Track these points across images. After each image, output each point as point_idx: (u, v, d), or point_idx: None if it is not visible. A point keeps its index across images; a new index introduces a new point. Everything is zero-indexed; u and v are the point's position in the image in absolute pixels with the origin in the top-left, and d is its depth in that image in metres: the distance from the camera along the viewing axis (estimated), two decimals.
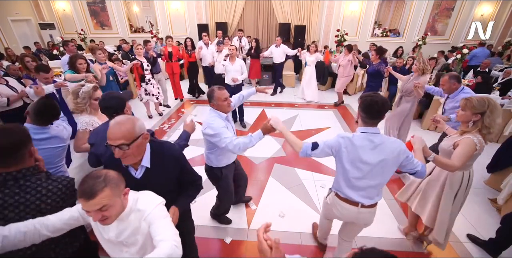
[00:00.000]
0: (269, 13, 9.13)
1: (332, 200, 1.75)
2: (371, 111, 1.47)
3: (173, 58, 5.53)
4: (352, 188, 1.60)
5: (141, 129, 1.23)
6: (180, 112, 5.57)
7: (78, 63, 3.30)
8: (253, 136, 1.82)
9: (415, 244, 2.39)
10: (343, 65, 5.49)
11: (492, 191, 3.09)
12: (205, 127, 1.92)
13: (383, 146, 1.49)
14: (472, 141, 1.68)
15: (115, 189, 1.03)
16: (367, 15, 8.43)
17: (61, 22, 9.65)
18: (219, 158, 2.13)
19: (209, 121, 1.92)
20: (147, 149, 1.31)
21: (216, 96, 1.92)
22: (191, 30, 8.92)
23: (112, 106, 1.70)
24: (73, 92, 2.07)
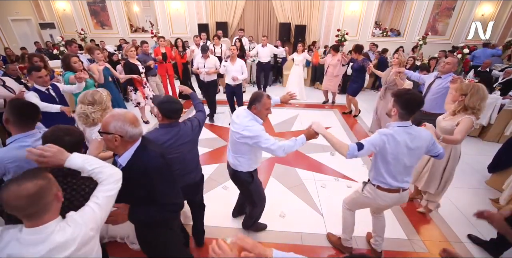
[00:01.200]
0: (269, 13, 9.11)
1: (374, 193, 1.88)
2: (411, 107, 1.64)
3: (167, 59, 5.40)
4: (394, 178, 1.78)
5: (115, 129, 1.24)
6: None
7: (72, 62, 3.18)
8: (297, 140, 1.82)
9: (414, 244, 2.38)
10: (333, 65, 5.54)
11: (493, 191, 3.09)
12: (242, 129, 1.85)
13: (419, 135, 1.69)
14: (471, 119, 2.12)
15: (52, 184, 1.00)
16: (367, 15, 8.41)
17: (61, 22, 9.64)
18: (250, 162, 2.04)
19: (246, 124, 1.85)
20: (131, 148, 1.32)
21: (263, 103, 1.85)
22: (192, 30, 8.91)
23: (180, 108, 1.77)
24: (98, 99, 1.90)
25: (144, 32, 9.84)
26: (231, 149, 2.07)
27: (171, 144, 1.73)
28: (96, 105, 1.88)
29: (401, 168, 1.74)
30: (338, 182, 3.26)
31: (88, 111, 1.85)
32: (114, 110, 1.33)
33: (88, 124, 1.91)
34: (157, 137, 1.69)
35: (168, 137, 1.72)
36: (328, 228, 2.55)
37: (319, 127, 1.80)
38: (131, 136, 1.28)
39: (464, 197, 3.00)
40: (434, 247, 2.35)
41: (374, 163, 1.82)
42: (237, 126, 1.89)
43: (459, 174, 3.41)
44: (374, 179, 1.86)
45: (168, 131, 1.73)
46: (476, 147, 4.14)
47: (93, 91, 1.93)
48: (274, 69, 7.56)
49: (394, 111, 1.69)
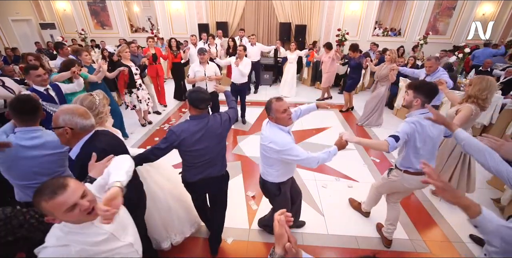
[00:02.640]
0: (269, 12, 9.10)
1: (401, 177, 2.06)
2: (433, 95, 1.84)
3: (158, 60, 5.27)
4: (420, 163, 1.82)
5: (64, 121, 1.31)
6: (181, 112, 5.55)
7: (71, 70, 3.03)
8: (331, 152, 1.80)
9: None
10: (325, 62, 5.77)
11: (495, 191, 3.08)
12: (269, 142, 1.79)
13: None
14: (470, 107, 2.27)
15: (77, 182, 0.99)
16: (368, 15, 8.40)
17: (62, 22, 9.65)
18: (278, 173, 1.97)
19: (271, 137, 1.79)
20: (80, 141, 1.38)
21: (275, 109, 1.77)
22: (192, 30, 8.91)
23: (208, 98, 1.80)
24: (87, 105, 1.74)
25: (144, 32, 9.85)
26: (261, 159, 2.02)
27: (202, 134, 1.80)
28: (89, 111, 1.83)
29: (428, 152, 1.92)
30: (339, 182, 3.25)
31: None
32: (65, 105, 1.39)
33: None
34: (188, 128, 1.77)
35: (198, 128, 1.79)
36: (329, 228, 2.54)
37: (351, 138, 1.84)
38: (81, 127, 1.35)
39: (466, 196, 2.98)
40: (436, 247, 2.34)
41: (403, 150, 1.99)
42: (264, 139, 1.85)
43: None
44: (402, 165, 2.03)
45: (198, 122, 1.80)
46: None
47: (84, 95, 1.78)
48: (275, 69, 7.55)
49: (417, 101, 1.86)
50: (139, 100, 4.48)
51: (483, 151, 1.31)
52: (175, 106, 5.84)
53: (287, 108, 1.80)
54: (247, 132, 4.60)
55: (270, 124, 1.86)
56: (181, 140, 1.76)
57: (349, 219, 2.68)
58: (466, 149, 1.40)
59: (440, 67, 3.50)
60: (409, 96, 1.91)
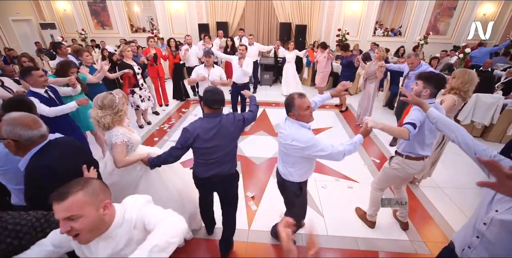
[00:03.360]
0: (270, 12, 9.09)
1: (402, 163, 2.15)
2: (442, 85, 1.99)
3: (158, 60, 5.22)
4: (422, 148, 2.06)
5: (6, 133, 1.23)
6: (181, 112, 5.55)
7: (71, 72, 2.96)
8: (356, 142, 1.78)
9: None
10: (320, 62, 5.78)
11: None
12: (292, 140, 1.74)
13: (440, 107, 1.97)
14: (453, 98, 2.50)
15: (91, 197, 0.93)
16: (368, 15, 8.38)
17: (62, 22, 9.65)
18: (301, 172, 1.93)
19: (293, 134, 1.74)
20: (29, 153, 1.31)
21: (298, 105, 1.73)
22: (192, 30, 8.90)
23: (221, 100, 1.82)
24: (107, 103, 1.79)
25: (144, 32, 9.84)
26: (280, 158, 1.98)
27: (215, 132, 1.82)
28: (105, 109, 1.78)
29: (432, 139, 2.04)
30: (338, 182, 3.24)
31: (97, 116, 1.77)
32: (11, 114, 1.29)
33: (101, 128, 1.83)
34: (201, 125, 1.81)
35: (212, 126, 1.82)
36: (329, 229, 2.53)
37: (376, 124, 1.79)
38: (27, 139, 1.25)
39: (467, 197, 2.98)
40: (436, 249, 2.32)
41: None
42: (285, 137, 1.78)
43: (460, 174, 3.40)
44: (404, 151, 2.12)
45: (211, 121, 1.83)
46: None
47: (104, 94, 1.82)
48: (275, 69, 7.54)
49: (427, 91, 1.96)
50: (142, 99, 4.45)
51: (453, 127, 1.39)
52: (174, 107, 5.83)
53: (310, 105, 1.78)
54: (247, 132, 4.58)
55: (290, 122, 1.81)
56: (195, 136, 1.79)
57: (349, 220, 2.66)
58: (438, 125, 1.48)
59: (422, 61, 3.86)
60: (418, 87, 1.99)
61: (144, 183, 2.02)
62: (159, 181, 2.06)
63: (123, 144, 1.83)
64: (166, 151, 1.88)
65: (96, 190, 0.96)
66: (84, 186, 0.94)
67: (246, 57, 4.40)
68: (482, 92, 4.19)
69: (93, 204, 0.94)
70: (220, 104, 1.83)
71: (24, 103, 1.59)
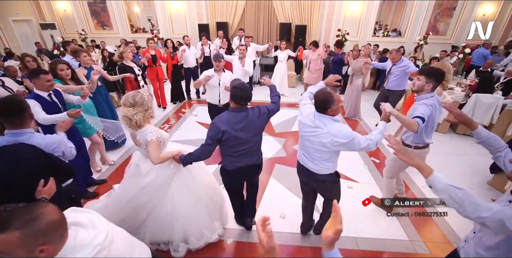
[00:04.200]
0: (270, 13, 9.10)
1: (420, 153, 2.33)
2: (440, 80, 2.13)
3: (158, 62, 5.14)
4: (428, 136, 2.29)
5: None
6: (181, 112, 5.55)
7: (58, 69, 2.78)
8: (382, 129, 1.87)
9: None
10: (314, 60, 5.75)
11: (495, 192, 3.06)
12: (333, 137, 1.74)
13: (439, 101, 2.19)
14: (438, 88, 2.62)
15: (28, 239, 0.81)
16: (368, 15, 8.39)
17: (62, 22, 9.66)
18: (335, 162, 1.98)
19: (333, 131, 1.74)
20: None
21: (337, 100, 1.75)
22: (192, 30, 8.91)
23: (248, 97, 1.86)
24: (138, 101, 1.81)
25: (144, 32, 9.85)
26: (310, 157, 1.95)
27: (243, 126, 1.88)
28: (137, 107, 1.81)
29: (432, 129, 2.25)
30: None
31: (129, 114, 1.79)
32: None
33: (132, 127, 1.85)
34: (228, 118, 1.86)
35: (239, 119, 1.87)
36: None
37: (392, 110, 1.98)
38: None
39: None
40: (436, 249, 2.33)
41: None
42: (325, 135, 1.76)
43: (460, 174, 3.41)
44: (413, 142, 2.31)
45: (238, 115, 1.88)
46: (477, 147, 4.08)
47: (133, 92, 1.85)
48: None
49: (429, 86, 2.10)
50: None
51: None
52: (174, 107, 5.83)
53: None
54: None
55: (323, 118, 1.78)
56: (223, 130, 1.83)
57: (349, 219, 2.65)
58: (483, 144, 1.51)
59: (403, 57, 4.22)
60: (421, 82, 2.12)
61: (176, 181, 2.07)
62: (190, 178, 2.13)
63: (157, 140, 1.88)
64: (198, 148, 1.93)
65: (38, 233, 0.83)
66: (26, 225, 0.81)
67: (246, 58, 4.43)
68: (482, 93, 4.20)
69: (27, 247, 0.82)
70: (248, 100, 1.88)
71: (16, 103, 1.53)
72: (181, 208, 2.07)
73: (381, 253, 2.30)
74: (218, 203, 2.37)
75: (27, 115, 1.57)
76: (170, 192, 2.06)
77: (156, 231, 2.11)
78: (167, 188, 2.04)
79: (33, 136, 1.59)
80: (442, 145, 4.15)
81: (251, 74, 4.54)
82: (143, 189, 1.98)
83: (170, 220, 2.08)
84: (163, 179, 2.01)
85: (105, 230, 1.03)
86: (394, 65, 4.16)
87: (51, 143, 1.66)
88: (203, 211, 2.20)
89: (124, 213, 2.04)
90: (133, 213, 2.04)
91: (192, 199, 2.12)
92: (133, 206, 2.02)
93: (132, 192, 2.00)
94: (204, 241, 2.22)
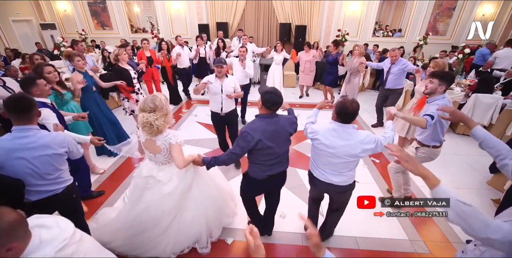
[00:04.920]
0: (269, 13, 9.11)
1: (429, 152, 2.47)
2: (452, 82, 2.34)
3: (153, 63, 5.05)
4: (443, 134, 2.42)
5: None
6: (181, 112, 5.55)
7: (45, 72, 2.57)
8: (391, 127, 1.99)
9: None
10: (309, 61, 5.91)
11: (495, 192, 3.07)
12: (363, 145, 1.75)
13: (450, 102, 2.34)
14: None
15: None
16: (368, 15, 8.41)
17: (62, 22, 9.67)
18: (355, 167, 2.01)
19: (361, 139, 1.76)
20: None
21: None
22: (192, 30, 8.92)
23: (281, 102, 1.81)
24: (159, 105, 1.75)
25: (144, 32, 9.85)
26: (339, 172, 1.89)
27: (273, 133, 1.82)
28: (158, 111, 1.72)
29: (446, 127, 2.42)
30: None
31: (151, 119, 1.70)
32: None
33: (154, 133, 1.77)
34: (260, 126, 1.79)
35: (271, 126, 1.82)
36: None
37: (398, 113, 2.15)
38: None
39: (466, 197, 2.93)
40: (436, 248, 2.33)
41: (431, 129, 2.31)
42: (353, 146, 1.75)
43: (460, 174, 3.42)
44: (432, 141, 2.41)
45: (270, 121, 1.83)
46: (477, 147, 4.10)
47: (152, 96, 1.76)
48: None
49: (442, 88, 2.25)
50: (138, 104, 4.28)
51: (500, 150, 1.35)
52: (173, 107, 5.83)
53: None
54: None
55: (347, 129, 1.77)
56: (258, 139, 1.76)
57: (348, 219, 2.66)
58: (483, 146, 1.46)
59: (400, 57, 4.36)
60: (434, 84, 2.26)
61: (195, 186, 2.07)
62: (209, 180, 2.16)
63: (180, 144, 1.85)
64: (224, 154, 1.89)
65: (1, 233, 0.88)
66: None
67: (247, 59, 4.44)
68: (481, 93, 4.20)
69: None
70: (279, 106, 1.84)
71: (26, 100, 1.56)
72: (205, 207, 2.09)
73: (381, 253, 2.31)
74: (230, 204, 2.45)
75: (35, 112, 1.60)
76: (190, 194, 2.05)
77: (182, 236, 2.08)
78: (187, 194, 2.03)
79: (39, 132, 1.62)
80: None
81: (251, 76, 4.54)
82: (165, 197, 1.93)
83: (198, 222, 2.09)
84: (185, 184, 1.99)
85: (71, 228, 1.05)
86: (393, 64, 4.28)
87: (59, 139, 1.66)
88: (221, 202, 2.26)
89: (145, 224, 1.99)
90: (155, 222, 1.99)
91: (212, 195, 2.16)
92: (155, 215, 1.96)
93: (153, 203, 1.94)
94: (221, 227, 2.32)
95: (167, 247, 2.06)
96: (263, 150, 1.82)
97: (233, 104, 3.35)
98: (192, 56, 5.84)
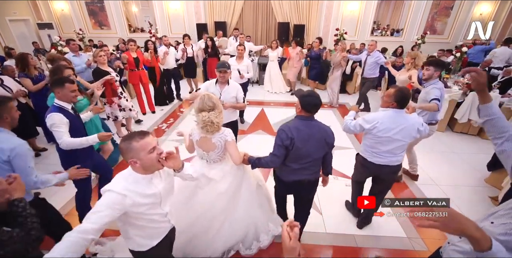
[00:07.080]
0: (268, 12, 9.11)
1: (434, 129, 2.92)
2: (444, 68, 2.80)
3: (140, 66, 4.72)
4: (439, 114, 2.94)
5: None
6: (179, 111, 5.55)
7: (65, 75, 2.48)
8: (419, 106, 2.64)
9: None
10: (293, 57, 6.27)
11: (493, 189, 3.08)
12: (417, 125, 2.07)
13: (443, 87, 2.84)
14: (416, 71, 3.61)
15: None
16: (366, 15, 8.43)
17: (60, 22, 9.62)
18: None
19: (414, 119, 2.11)
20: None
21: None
22: (190, 30, 8.90)
23: (319, 104, 1.80)
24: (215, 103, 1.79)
25: (142, 32, 9.82)
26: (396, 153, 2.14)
27: (309, 136, 1.79)
28: (216, 109, 1.76)
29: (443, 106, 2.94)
30: (337, 180, 3.25)
31: (212, 117, 1.73)
32: None
33: (214, 131, 1.80)
34: (297, 126, 1.79)
35: (308, 129, 1.79)
36: (328, 227, 2.54)
37: (415, 105, 2.47)
38: None
39: (463, 195, 3.00)
40: (434, 245, 2.34)
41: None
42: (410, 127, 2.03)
43: (458, 172, 3.43)
44: (428, 120, 2.76)
45: (307, 123, 1.82)
46: (475, 145, 4.14)
47: (207, 96, 1.78)
48: None
49: (437, 73, 2.66)
50: (121, 109, 3.95)
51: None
52: (172, 107, 5.82)
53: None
54: (246, 131, 4.60)
55: (401, 113, 2.03)
56: (291, 137, 1.74)
57: (347, 217, 2.68)
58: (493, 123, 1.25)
59: (375, 50, 4.97)
60: (430, 71, 2.66)
61: (245, 184, 2.07)
62: (254, 180, 2.15)
63: (235, 140, 1.88)
64: (267, 156, 1.87)
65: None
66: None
67: (244, 58, 4.45)
68: None
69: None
70: (319, 108, 1.81)
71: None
72: (251, 206, 2.08)
73: (379, 250, 2.31)
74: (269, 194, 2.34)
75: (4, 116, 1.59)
76: (240, 193, 2.03)
77: (231, 235, 2.05)
78: (240, 189, 2.02)
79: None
80: (440, 143, 4.17)
81: (251, 76, 4.57)
82: (220, 196, 1.92)
83: (246, 222, 2.07)
84: (238, 181, 1.99)
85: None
86: (369, 55, 4.98)
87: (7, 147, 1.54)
88: (266, 204, 2.24)
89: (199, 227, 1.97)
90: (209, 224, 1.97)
91: (259, 196, 2.15)
92: (211, 215, 1.95)
93: (207, 202, 1.93)
94: (271, 235, 2.22)
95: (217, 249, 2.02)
96: (294, 150, 1.79)
97: (235, 115, 3.08)
98: (179, 56, 5.68)
